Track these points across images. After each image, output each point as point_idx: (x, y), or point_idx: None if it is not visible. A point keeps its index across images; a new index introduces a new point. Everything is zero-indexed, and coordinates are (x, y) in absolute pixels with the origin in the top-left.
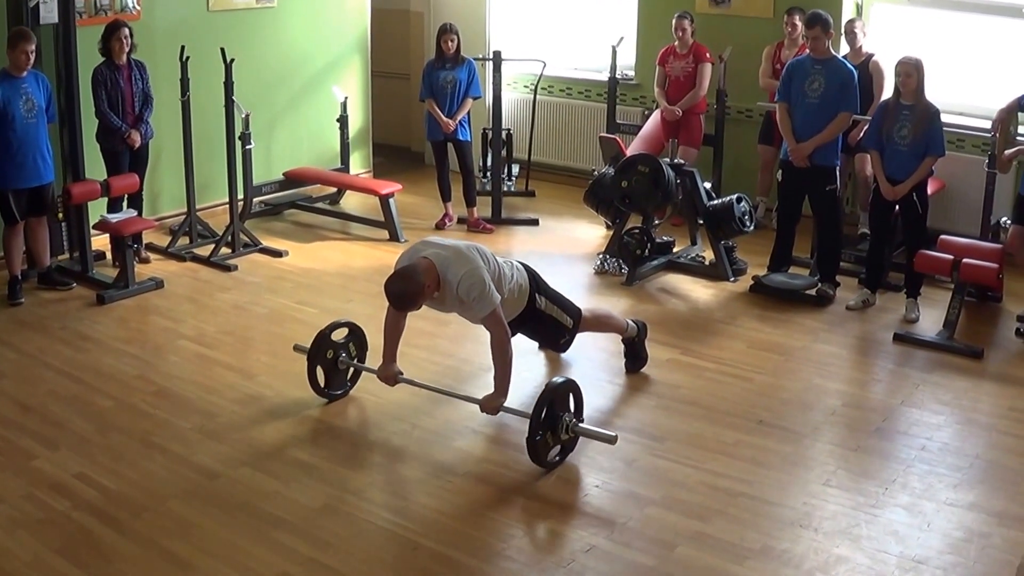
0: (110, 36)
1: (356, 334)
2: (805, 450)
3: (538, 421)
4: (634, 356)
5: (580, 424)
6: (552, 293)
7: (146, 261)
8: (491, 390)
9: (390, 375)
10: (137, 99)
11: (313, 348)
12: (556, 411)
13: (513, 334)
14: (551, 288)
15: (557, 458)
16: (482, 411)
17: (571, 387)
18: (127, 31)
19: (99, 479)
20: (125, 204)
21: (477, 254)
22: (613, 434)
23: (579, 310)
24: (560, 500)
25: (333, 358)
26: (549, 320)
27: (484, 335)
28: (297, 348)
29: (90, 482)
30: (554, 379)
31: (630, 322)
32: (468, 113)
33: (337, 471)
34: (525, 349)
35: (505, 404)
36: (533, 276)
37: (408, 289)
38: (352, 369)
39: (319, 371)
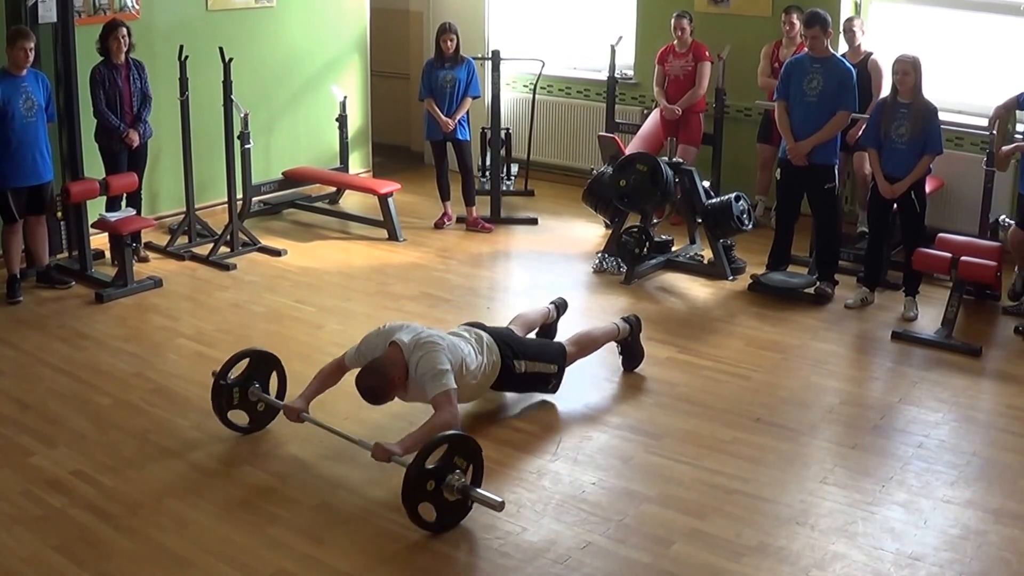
0: (108, 35)
1: (268, 365)
2: (802, 448)
3: (418, 470)
4: (630, 354)
5: (472, 487)
6: (529, 350)
7: (145, 260)
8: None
9: (296, 411)
10: (135, 98)
11: (232, 360)
12: (442, 466)
13: (499, 391)
14: (527, 344)
15: (448, 523)
16: (372, 455)
17: (462, 441)
18: (125, 30)
19: (97, 476)
20: (124, 203)
21: (442, 342)
22: (500, 499)
23: (561, 349)
24: (556, 497)
25: (244, 385)
26: (532, 377)
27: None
28: (215, 373)
29: (88, 479)
30: (454, 432)
31: (619, 323)
32: (467, 112)
33: (334, 468)
34: None
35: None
36: (506, 343)
37: (379, 384)
38: (262, 405)
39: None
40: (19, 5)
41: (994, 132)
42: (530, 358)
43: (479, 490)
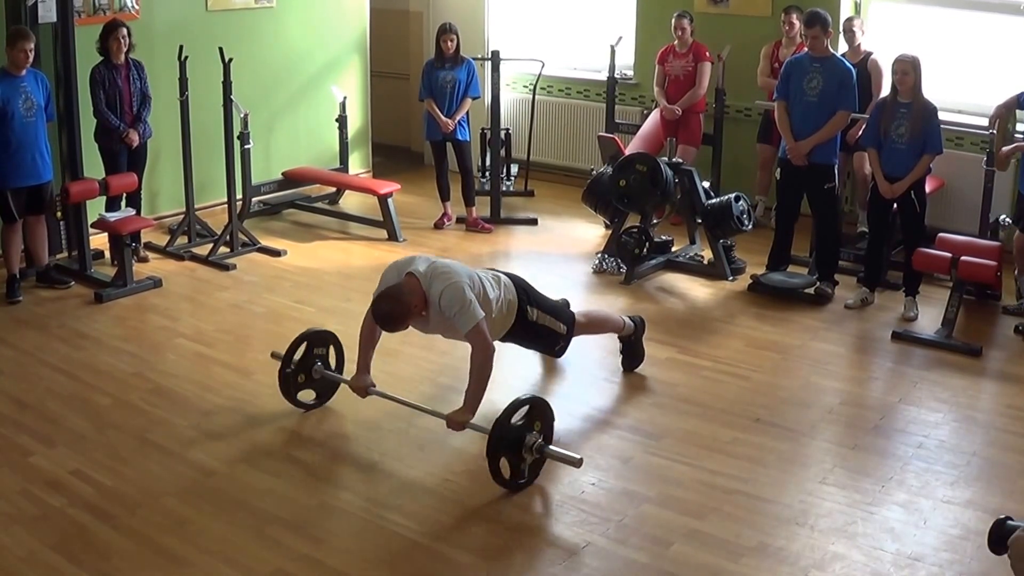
0: (108, 36)
1: (333, 344)
2: (802, 448)
3: (497, 438)
4: (631, 354)
5: (548, 446)
6: (544, 302)
7: (144, 260)
8: (493, 382)
9: (362, 386)
10: (135, 98)
11: (287, 355)
12: (521, 430)
13: (508, 341)
14: (543, 297)
15: (521, 482)
16: (448, 427)
17: (541, 403)
18: (125, 31)
19: (95, 476)
20: (123, 203)
21: (461, 272)
22: (579, 457)
23: (572, 315)
24: (556, 498)
25: (308, 367)
26: (543, 330)
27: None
28: (273, 355)
29: (86, 479)
30: (521, 396)
31: (627, 319)
32: (467, 113)
33: (333, 468)
34: (519, 353)
35: (472, 420)
36: (523, 288)
37: (396, 310)
38: (326, 380)
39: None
40: (19, 5)
41: (994, 132)
42: (543, 309)
43: (556, 448)
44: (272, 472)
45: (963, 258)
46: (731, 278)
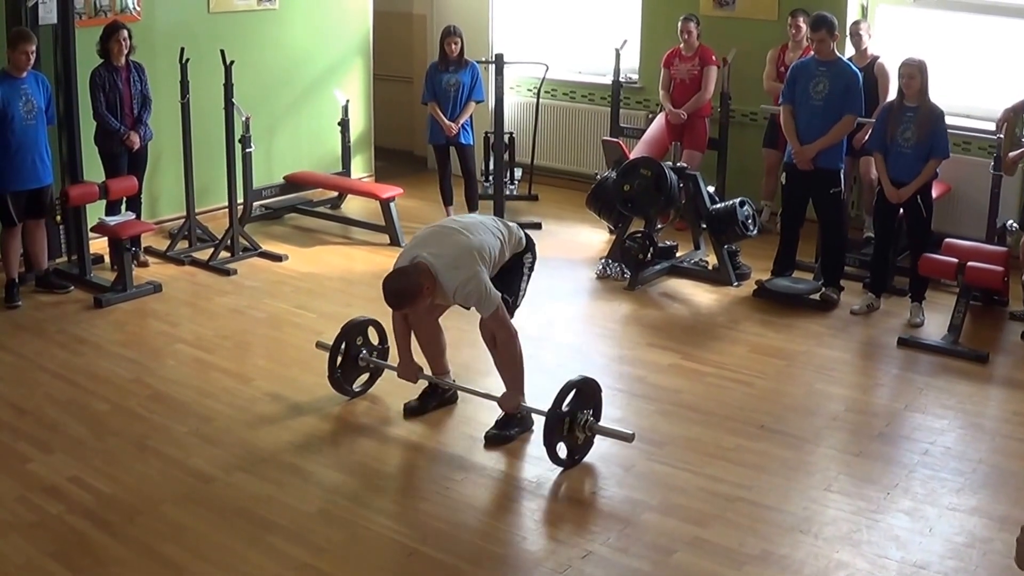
0: (109, 37)
1: (379, 331)
2: (806, 455)
3: (555, 418)
4: (504, 424)
5: (598, 423)
6: (522, 286)
7: (144, 265)
8: (494, 391)
9: (411, 372)
10: (136, 101)
11: (335, 343)
12: (573, 408)
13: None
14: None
15: (577, 457)
16: (501, 408)
17: (591, 385)
18: (126, 33)
19: (93, 483)
20: (124, 207)
21: (475, 256)
22: (631, 432)
23: (511, 309)
24: (557, 506)
25: (354, 355)
26: (512, 281)
27: (480, 340)
28: (319, 345)
29: (84, 486)
30: (574, 377)
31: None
32: (470, 117)
33: (333, 476)
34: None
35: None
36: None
37: (404, 288)
38: (371, 367)
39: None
40: (19, 6)
41: (1001, 136)
42: (526, 279)
43: (606, 425)
44: (272, 479)
45: (970, 263)
46: (736, 284)
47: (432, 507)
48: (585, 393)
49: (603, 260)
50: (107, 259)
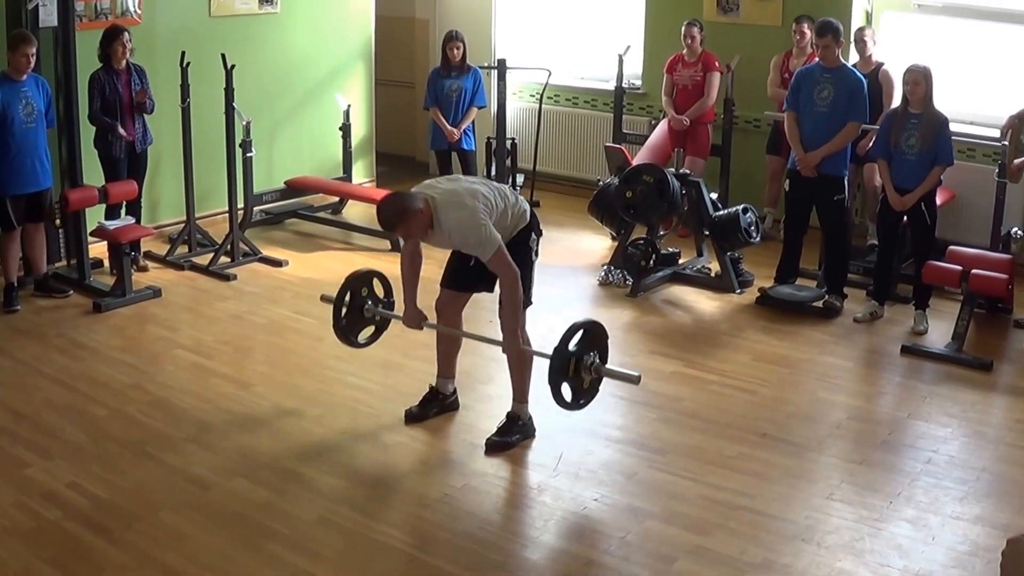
0: (112, 41)
1: (383, 284)
2: (809, 463)
3: (560, 357)
4: (506, 431)
5: (605, 365)
6: (530, 274)
7: (144, 269)
8: (495, 398)
9: (415, 318)
10: (137, 113)
11: (340, 292)
12: (580, 350)
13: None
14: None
15: (582, 401)
16: (504, 352)
17: (597, 328)
18: (127, 36)
19: (91, 488)
20: (123, 211)
21: (477, 199)
22: (636, 373)
23: (527, 304)
24: (558, 513)
25: (358, 305)
26: (522, 271)
27: (484, 347)
28: (324, 298)
29: (82, 491)
30: (576, 321)
31: (527, 407)
32: (472, 122)
33: (331, 483)
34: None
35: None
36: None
37: (398, 205)
38: (377, 318)
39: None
40: (19, 8)
41: (1006, 143)
42: (529, 265)
43: (613, 367)
44: (271, 486)
45: (974, 271)
46: (739, 291)
47: (432, 514)
48: (592, 335)
49: (605, 267)
50: (106, 263)
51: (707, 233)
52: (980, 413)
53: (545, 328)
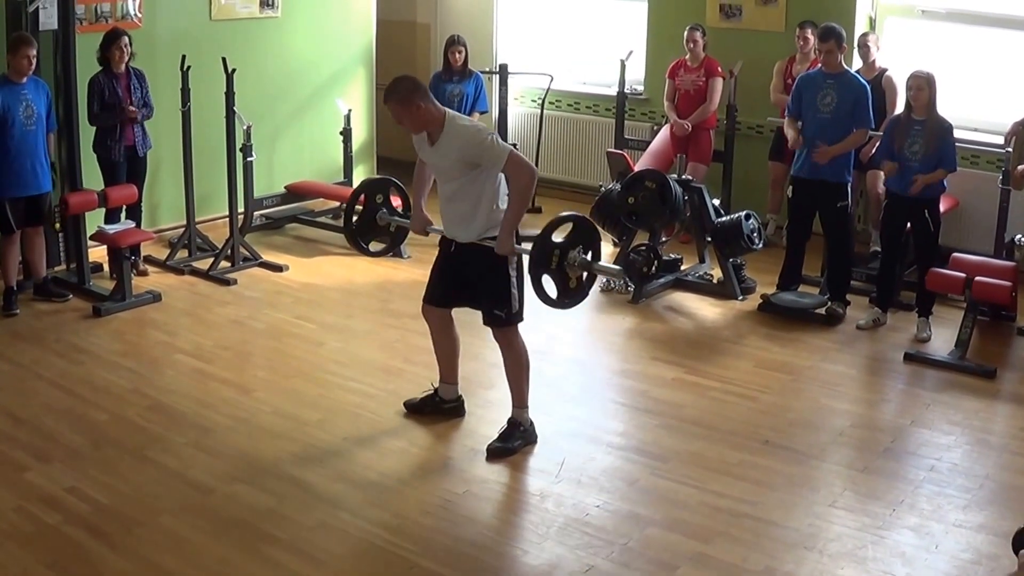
0: (111, 44)
1: (401, 196)
2: (811, 471)
3: (542, 245)
4: (507, 436)
5: (596, 263)
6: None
7: (144, 274)
8: (496, 403)
9: (420, 221)
10: (136, 107)
11: (354, 195)
12: (567, 243)
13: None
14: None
15: (567, 301)
16: (498, 252)
17: (587, 224)
18: (127, 39)
19: (91, 493)
20: (124, 215)
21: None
22: (618, 267)
23: (519, 319)
24: (559, 520)
25: (371, 210)
26: (504, 274)
27: (486, 352)
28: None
29: (82, 496)
30: (563, 213)
31: (527, 412)
32: None
33: (332, 488)
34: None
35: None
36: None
37: (409, 89)
38: (390, 228)
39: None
40: (20, 11)
41: (1010, 150)
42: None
43: (604, 264)
44: (271, 491)
45: (977, 278)
46: (741, 297)
47: (434, 520)
48: (581, 229)
49: None
50: (106, 268)
51: (709, 239)
52: (983, 421)
53: (547, 334)
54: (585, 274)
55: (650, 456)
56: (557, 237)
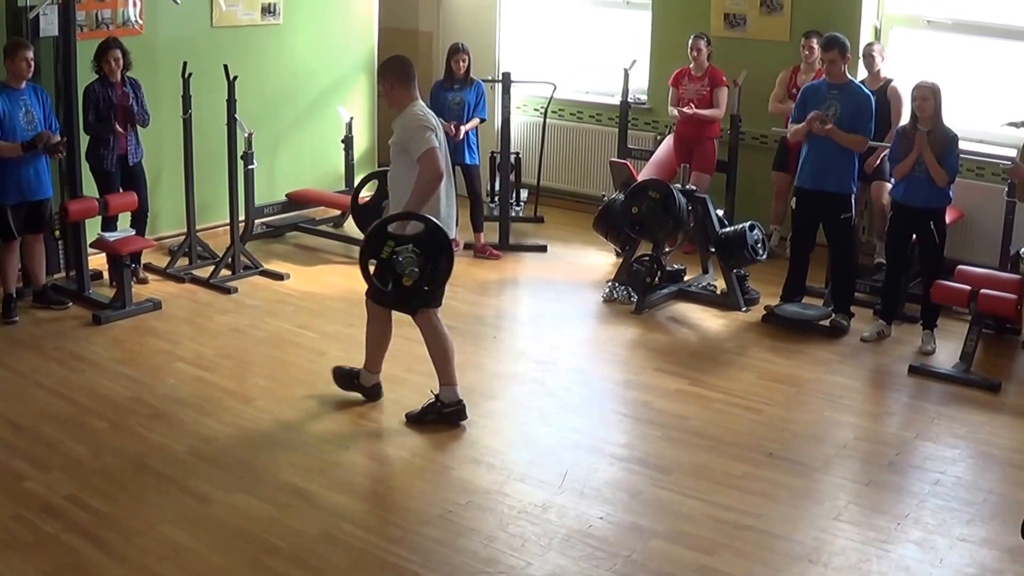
0: (102, 56)
1: None
2: (815, 484)
3: (375, 231)
4: (425, 413)
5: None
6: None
7: (144, 282)
8: (499, 414)
9: None
10: (134, 116)
11: (362, 180)
12: (402, 235)
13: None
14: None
15: (395, 298)
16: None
17: (437, 235)
18: (119, 52)
19: (91, 502)
20: (129, 223)
21: (437, 133)
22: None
23: (437, 304)
24: (562, 531)
25: (379, 199)
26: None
27: (487, 363)
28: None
29: (82, 504)
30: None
31: (457, 389)
32: (476, 136)
33: (334, 498)
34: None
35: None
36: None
37: (390, 63)
38: None
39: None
40: (20, 17)
41: (1015, 158)
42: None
43: (420, 273)
44: (272, 501)
45: (982, 291)
46: (744, 309)
47: (435, 531)
48: (429, 236)
49: (610, 283)
50: (106, 275)
51: (713, 250)
52: (988, 434)
53: (550, 344)
54: (420, 279)
55: (653, 468)
56: (399, 231)
